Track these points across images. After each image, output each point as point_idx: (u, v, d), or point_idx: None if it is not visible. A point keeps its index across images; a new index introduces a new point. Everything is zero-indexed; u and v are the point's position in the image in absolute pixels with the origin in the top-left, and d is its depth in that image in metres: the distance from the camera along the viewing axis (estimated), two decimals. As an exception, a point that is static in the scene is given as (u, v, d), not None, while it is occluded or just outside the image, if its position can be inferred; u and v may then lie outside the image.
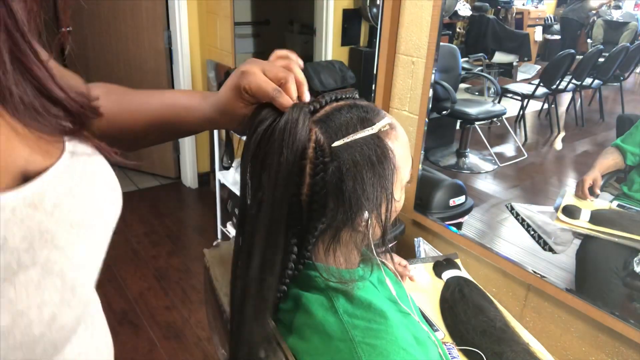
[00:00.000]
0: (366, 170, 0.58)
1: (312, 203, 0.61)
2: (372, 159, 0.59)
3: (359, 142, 0.59)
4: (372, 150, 0.59)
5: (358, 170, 0.58)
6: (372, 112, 0.63)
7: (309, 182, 0.60)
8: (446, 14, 1.71)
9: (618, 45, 1.56)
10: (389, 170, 0.60)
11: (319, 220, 0.62)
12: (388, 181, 0.60)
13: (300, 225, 0.64)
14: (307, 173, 0.60)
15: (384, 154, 0.60)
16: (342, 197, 0.58)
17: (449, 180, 1.81)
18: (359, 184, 0.58)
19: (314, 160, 0.60)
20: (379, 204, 0.60)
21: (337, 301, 0.62)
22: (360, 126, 0.60)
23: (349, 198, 0.58)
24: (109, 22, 3.15)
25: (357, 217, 0.60)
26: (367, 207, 0.59)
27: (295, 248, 0.64)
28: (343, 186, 0.58)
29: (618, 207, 1.39)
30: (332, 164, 0.59)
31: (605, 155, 1.40)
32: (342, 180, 0.58)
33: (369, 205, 0.59)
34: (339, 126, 0.60)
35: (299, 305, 0.64)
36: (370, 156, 0.59)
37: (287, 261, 0.64)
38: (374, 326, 0.59)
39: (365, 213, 0.60)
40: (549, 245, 1.53)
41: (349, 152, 0.59)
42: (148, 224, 2.91)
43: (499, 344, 0.99)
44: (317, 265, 0.66)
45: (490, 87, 2.18)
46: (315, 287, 0.65)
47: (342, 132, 0.60)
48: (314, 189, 0.60)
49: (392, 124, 0.63)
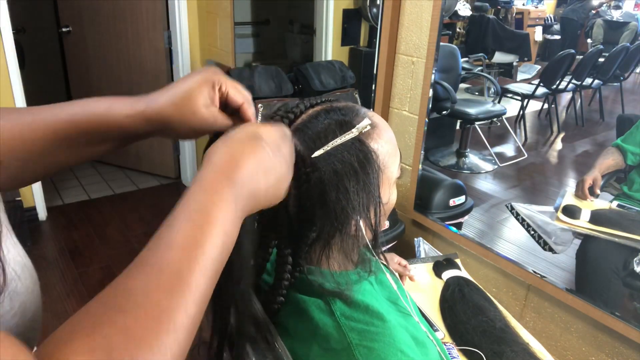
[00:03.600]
0: (348, 179, 0.57)
1: (300, 214, 0.60)
2: (354, 166, 0.57)
3: (339, 149, 0.58)
4: (353, 156, 0.58)
5: (340, 180, 0.57)
6: (350, 113, 0.61)
7: (294, 194, 0.59)
8: (446, 14, 1.71)
9: (618, 45, 1.56)
10: (373, 174, 0.59)
11: (309, 230, 0.61)
12: (373, 185, 0.59)
13: (292, 234, 0.63)
14: (292, 185, 0.58)
15: (366, 158, 0.58)
16: (327, 209, 0.58)
17: (449, 180, 1.81)
18: (342, 194, 0.57)
19: (296, 172, 0.58)
20: (366, 210, 0.59)
21: (334, 304, 0.61)
22: (340, 131, 0.59)
23: (334, 209, 0.57)
24: (109, 22, 3.15)
25: (346, 226, 0.59)
26: (354, 216, 0.58)
27: (290, 258, 0.64)
28: (326, 197, 0.57)
29: (618, 207, 1.39)
30: (313, 175, 0.57)
31: (605, 155, 1.41)
32: (325, 192, 0.57)
33: (356, 214, 0.58)
34: (317, 134, 0.59)
35: (297, 308, 0.64)
36: (351, 163, 0.57)
37: (283, 272, 0.64)
38: (371, 329, 0.59)
39: (353, 220, 0.59)
40: (549, 245, 1.53)
41: (329, 161, 0.57)
42: (148, 224, 2.91)
43: (498, 344, 0.99)
44: (313, 269, 0.65)
45: (490, 87, 2.18)
46: (312, 290, 0.64)
47: (320, 141, 0.58)
48: (300, 200, 0.59)
49: (373, 123, 0.61)
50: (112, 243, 2.68)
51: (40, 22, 3.99)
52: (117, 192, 3.25)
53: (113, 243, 2.68)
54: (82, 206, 3.05)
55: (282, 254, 0.64)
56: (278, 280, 0.64)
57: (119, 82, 3.24)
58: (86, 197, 3.16)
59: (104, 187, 3.28)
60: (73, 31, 3.28)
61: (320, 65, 2.54)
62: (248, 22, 3.62)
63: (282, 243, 0.64)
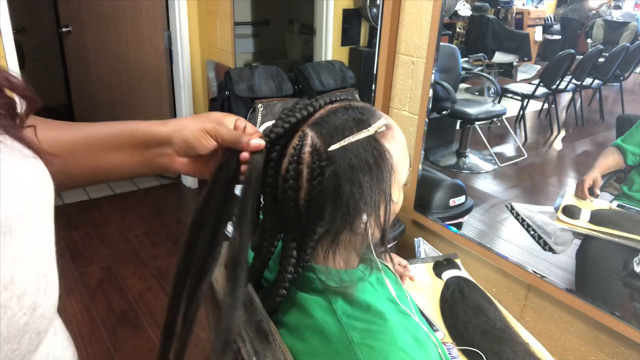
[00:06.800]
0: (363, 174, 0.58)
1: (310, 208, 0.61)
2: (369, 162, 0.58)
3: (355, 145, 0.59)
4: (369, 152, 0.59)
5: (355, 174, 0.58)
6: (367, 113, 0.62)
7: (306, 187, 0.60)
8: (446, 14, 1.71)
9: (618, 45, 1.56)
10: (387, 172, 0.60)
11: (318, 224, 0.62)
12: (386, 183, 0.60)
13: (299, 229, 0.63)
14: (305, 178, 0.60)
15: (381, 156, 0.59)
16: (339, 202, 0.58)
17: (449, 180, 1.81)
18: (357, 187, 0.57)
19: (310, 165, 0.59)
20: (377, 206, 0.59)
21: (335, 303, 0.61)
22: (356, 128, 0.60)
23: (347, 202, 0.58)
24: (109, 22, 3.15)
25: (356, 221, 0.60)
26: (366, 211, 0.59)
27: (295, 252, 0.64)
28: (340, 191, 0.57)
29: (618, 207, 1.39)
30: (328, 168, 0.58)
31: (605, 155, 1.41)
32: (339, 185, 0.57)
33: (368, 209, 0.58)
34: (334, 129, 0.60)
35: (298, 306, 0.64)
36: (367, 159, 0.58)
37: (287, 265, 0.64)
38: (373, 327, 0.59)
39: (364, 216, 0.59)
40: (549, 246, 1.53)
41: (346, 155, 0.58)
42: (148, 224, 2.91)
43: (498, 344, 0.99)
44: (317, 267, 0.65)
45: (490, 87, 2.18)
46: (313, 288, 0.64)
47: (338, 135, 0.59)
48: (311, 193, 0.60)
49: (388, 124, 0.62)
50: (112, 243, 2.68)
51: (40, 22, 3.99)
52: (117, 192, 3.25)
53: (113, 243, 2.68)
54: (82, 206, 3.05)
55: (287, 248, 0.64)
56: (281, 274, 0.64)
57: (119, 82, 3.24)
58: (86, 197, 3.16)
59: (104, 187, 3.29)
60: (73, 31, 3.28)
61: (320, 65, 2.54)
62: (248, 22, 3.62)
63: (288, 237, 0.64)
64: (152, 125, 0.64)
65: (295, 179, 0.60)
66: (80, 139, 0.62)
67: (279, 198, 0.62)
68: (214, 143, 0.63)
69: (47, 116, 0.59)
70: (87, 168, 0.63)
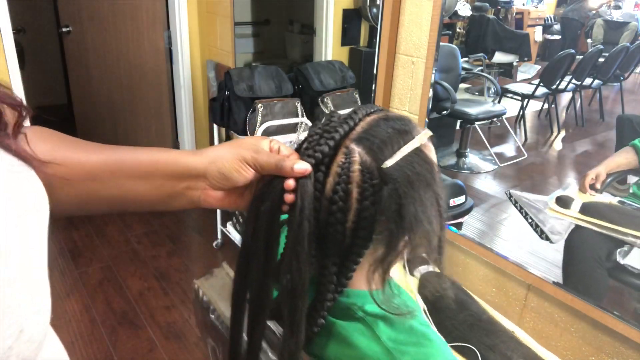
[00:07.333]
0: (424, 190, 0.53)
1: (358, 230, 0.56)
2: (426, 177, 0.54)
3: (406, 159, 0.54)
4: (421, 166, 0.55)
5: (415, 190, 0.53)
6: (408, 123, 0.58)
7: (356, 208, 0.55)
8: (446, 14, 1.71)
9: (618, 45, 1.56)
10: (439, 186, 0.56)
11: (365, 247, 0.57)
12: (440, 197, 0.56)
13: (342, 253, 0.58)
14: (354, 198, 0.55)
15: (432, 168, 0.55)
16: (401, 223, 0.53)
17: (449, 180, 1.81)
18: (420, 206, 0.53)
19: (361, 184, 0.54)
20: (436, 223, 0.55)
21: (377, 328, 0.57)
22: (403, 140, 0.55)
23: (410, 222, 0.52)
24: (109, 22, 3.15)
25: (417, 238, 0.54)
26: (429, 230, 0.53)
27: (335, 277, 0.59)
28: (403, 211, 0.52)
29: (618, 202, 1.38)
30: (386, 187, 0.53)
31: (618, 154, 1.39)
32: (401, 205, 0.52)
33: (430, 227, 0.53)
34: (382, 143, 0.55)
35: (336, 336, 0.60)
36: (422, 173, 0.54)
37: (326, 292, 0.59)
38: (421, 350, 0.56)
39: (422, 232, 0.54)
40: (545, 234, 1.53)
41: (401, 171, 0.53)
42: (148, 224, 2.91)
43: (488, 336, 1.00)
44: (357, 292, 0.60)
45: (490, 87, 2.18)
46: (349, 315, 0.60)
47: (387, 150, 0.54)
48: (361, 214, 0.55)
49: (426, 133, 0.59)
50: (112, 243, 2.68)
51: (40, 22, 3.99)
52: (117, 192, 3.25)
53: (113, 243, 2.68)
54: (82, 206, 3.05)
55: (327, 273, 0.59)
56: (320, 302, 0.59)
57: (119, 82, 3.24)
58: (86, 197, 3.16)
59: (104, 187, 3.28)
60: (73, 31, 3.28)
61: (320, 65, 2.54)
62: (248, 22, 3.61)
63: (329, 261, 0.59)
64: (185, 156, 0.58)
65: (344, 199, 0.55)
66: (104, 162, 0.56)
67: (321, 220, 0.57)
68: (252, 172, 0.57)
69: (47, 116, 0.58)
70: (109, 196, 0.57)
